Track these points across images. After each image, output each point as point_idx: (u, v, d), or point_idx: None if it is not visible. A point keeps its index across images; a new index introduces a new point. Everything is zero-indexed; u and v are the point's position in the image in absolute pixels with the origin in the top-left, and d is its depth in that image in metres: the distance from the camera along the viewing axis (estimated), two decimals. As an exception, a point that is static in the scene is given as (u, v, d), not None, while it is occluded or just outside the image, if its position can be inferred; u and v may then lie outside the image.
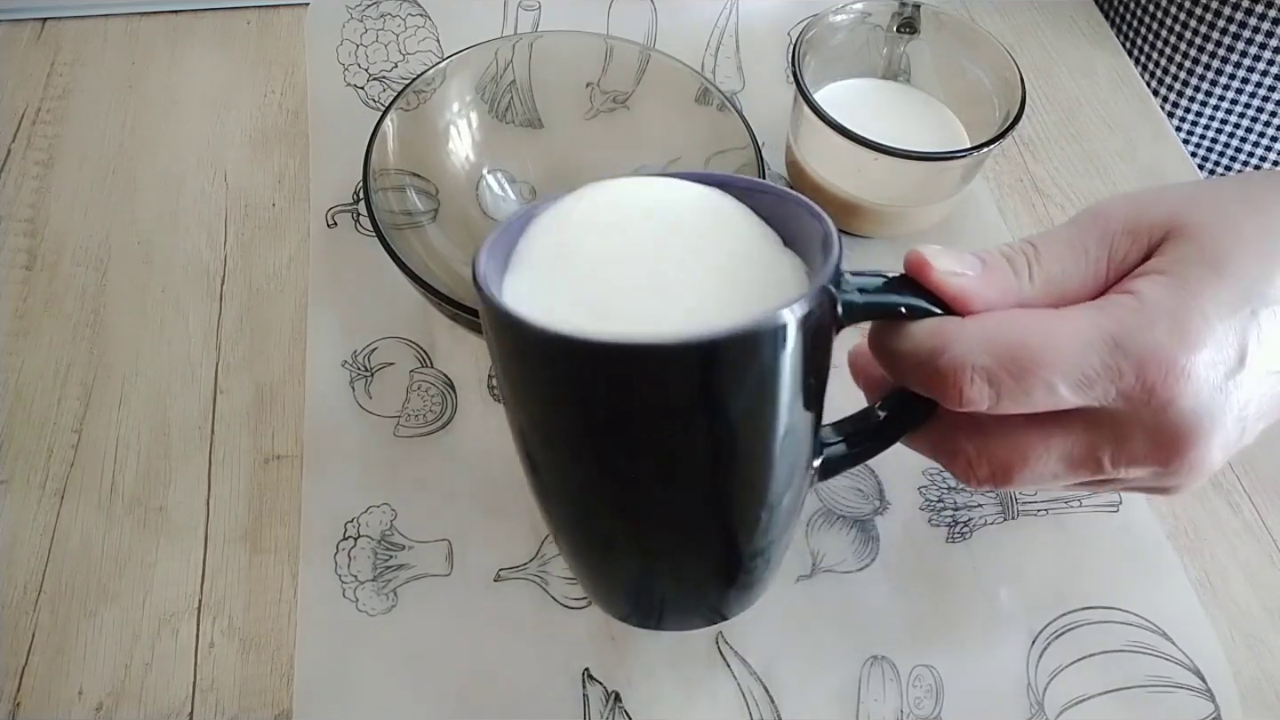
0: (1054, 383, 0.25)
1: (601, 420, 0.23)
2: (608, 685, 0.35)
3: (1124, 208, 0.27)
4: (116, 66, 0.52)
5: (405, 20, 0.53)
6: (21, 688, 0.35)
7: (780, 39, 0.55)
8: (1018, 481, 0.27)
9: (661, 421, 0.23)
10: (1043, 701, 0.36)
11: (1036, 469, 0.27)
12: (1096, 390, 0.25)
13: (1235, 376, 0.25)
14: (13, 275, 0.44)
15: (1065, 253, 0.27)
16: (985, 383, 0.25)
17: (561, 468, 0.26)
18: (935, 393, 0.26)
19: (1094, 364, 0.25)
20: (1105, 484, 0.29)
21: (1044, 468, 0.27)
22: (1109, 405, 0.25)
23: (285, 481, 0.39)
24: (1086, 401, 0.25)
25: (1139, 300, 0.25)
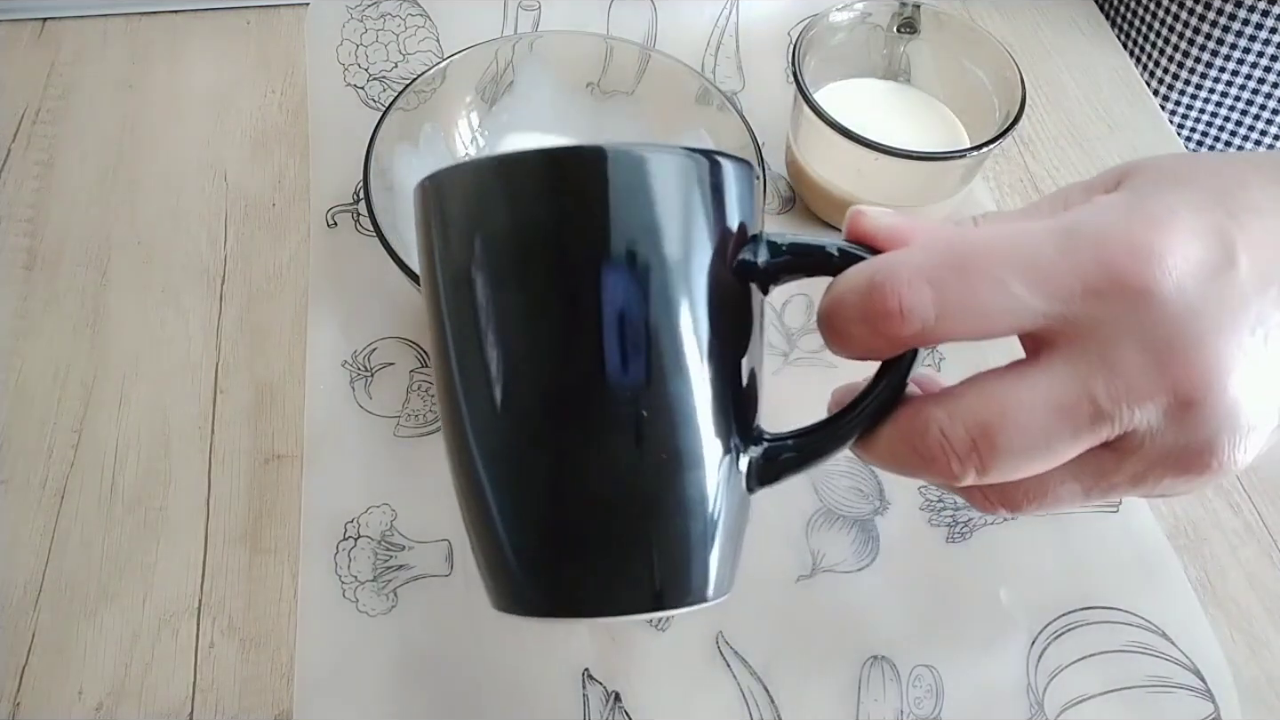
0: (1004, 278, 0.21)
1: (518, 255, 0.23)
2: (608, 685, 0.35)
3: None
4: (116, 66, 0.52)
5: (405, 20, 0.53)
6: (21, 688, 0.34)
7: (780, 39, 0.55)
8: (1005, 452, 0.22)
9: (563, 246, 0.22)
10: (1043, 701, 0.36)
11: (1022, 426, 0.22)
12: (1056, 284, 0.21)
13: (1227, 274, 0.21)
14: (13, 275, 0.44)
15: (1014, 213, 0.25)
16: (926, 284, 0.21)
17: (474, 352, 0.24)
18: (875, 318, 0.22)
19: (1047, 253, 0.21)
20: (1120, 452, 0.23)
21: (1031, 422, 0.22)
22: (1079, 315, 0.21)
23: (285, 481, 0.39)
24: (1047, 304, 0.21)
25: (1093, 203, 0.23)
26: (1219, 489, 0.41)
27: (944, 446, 0.23)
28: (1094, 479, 0.23)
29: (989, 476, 0.22)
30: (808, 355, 0.43)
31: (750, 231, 0.24)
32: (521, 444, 0.24)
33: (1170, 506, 0.40)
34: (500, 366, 0.23)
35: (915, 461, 0.23)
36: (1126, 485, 0.23)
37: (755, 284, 0.25)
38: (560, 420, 0.23)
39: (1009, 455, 0.22)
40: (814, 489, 0.40)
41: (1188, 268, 0.21)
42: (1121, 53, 0.57)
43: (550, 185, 0.23)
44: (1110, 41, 0.58)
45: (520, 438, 0.24)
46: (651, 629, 0.36)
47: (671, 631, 0.37)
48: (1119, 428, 0.22)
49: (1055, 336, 0.22)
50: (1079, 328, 0.22)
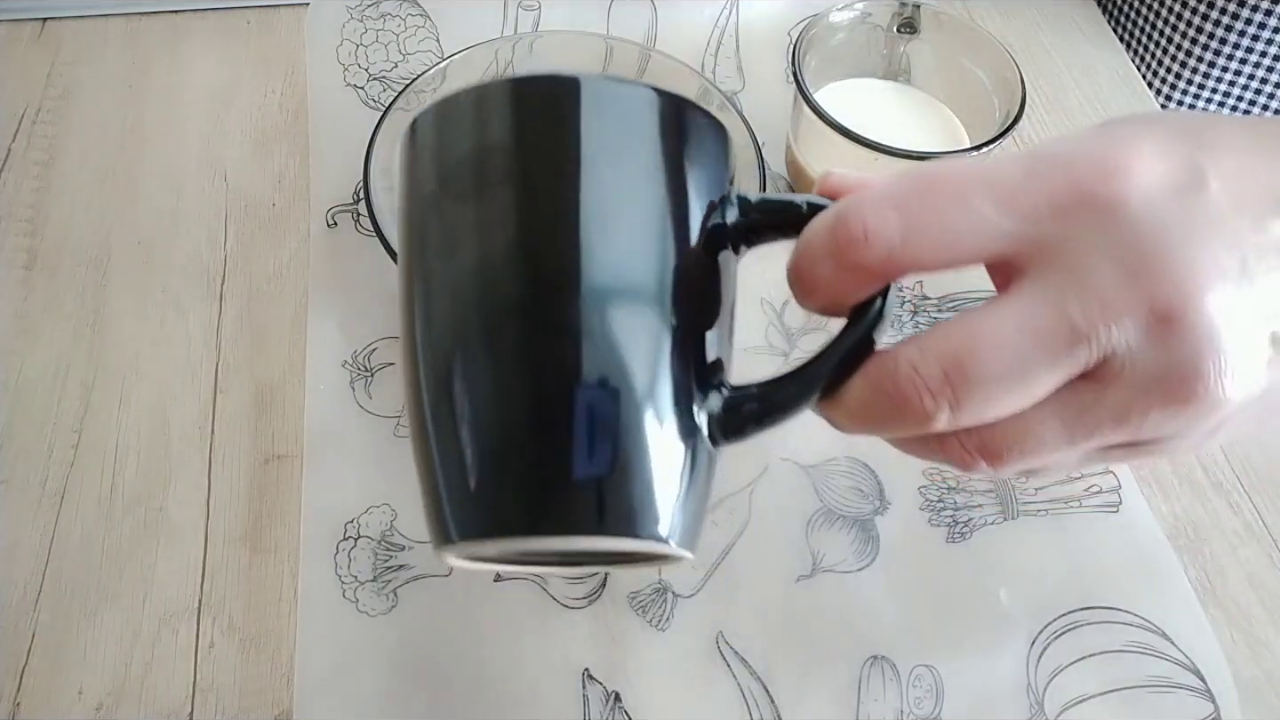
0: (970, 198, 0.21)
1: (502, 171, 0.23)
2: (608, 685, 0.35)
3: None
4: (116, 66, 0.52)
5: (405, 20, 0.53)
6: (21, 688, 0.34)
7: (780, 39, 0.55)
8: (980, 381, 0.21)
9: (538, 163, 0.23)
10: (1042, 701, 0.36)
11: (996, 352, 0.21)
12: (1022, 202, 0.21)
13: (1198, 194, 0.21)
14: (13, 275, 0.44)
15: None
16: (891, 208, 0.21)
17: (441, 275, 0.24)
18: (840, 249, 0.22)
19: (1014, 175, 0.21)
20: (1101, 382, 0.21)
21: (1004, 347, 0.21)
22: (1047, 235, 0.21)
23: (285, 481, 0.39)
24: (1014, 223, 0.21)
25: (1061, 138, 0.22)
26: (1219, 489, 0.41)
27: (914, 382, 0.21)
28: (1076, 416, 0.22)
29: (963, 412, 0.21)
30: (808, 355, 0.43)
31: (720, 191, 0.24)
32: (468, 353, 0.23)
33: (1170, 506, 0.40)
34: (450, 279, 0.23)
35: (885, 407, 0.22)
36: (1111, 423, 0.22)
37: (729, 244, 0.24)
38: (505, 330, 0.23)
39: (983, 384, 0.21)
40: (814, 489, 0.40)
41: (1156, 183, 0.21)
42: (1122, 53, 0.57)
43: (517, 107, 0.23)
44: (1110, 41, 0.58)
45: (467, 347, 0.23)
46: (651, 629, 0.37)
47: (671, 631, 0.37)
48: (1096, 350, 0.21)
49: (1025, 262, 0.21)
50: (1048, 248, 0.21)
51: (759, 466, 0.40)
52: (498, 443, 0.23)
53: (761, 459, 0.40)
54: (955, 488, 0.40)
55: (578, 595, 0.37)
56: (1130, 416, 0.21)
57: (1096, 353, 0.21)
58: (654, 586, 0.37)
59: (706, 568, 0.38)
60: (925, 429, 0.22)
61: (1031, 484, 0.40)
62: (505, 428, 0.23)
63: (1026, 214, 0.21)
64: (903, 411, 0.22)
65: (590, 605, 0.37)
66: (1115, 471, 0.41)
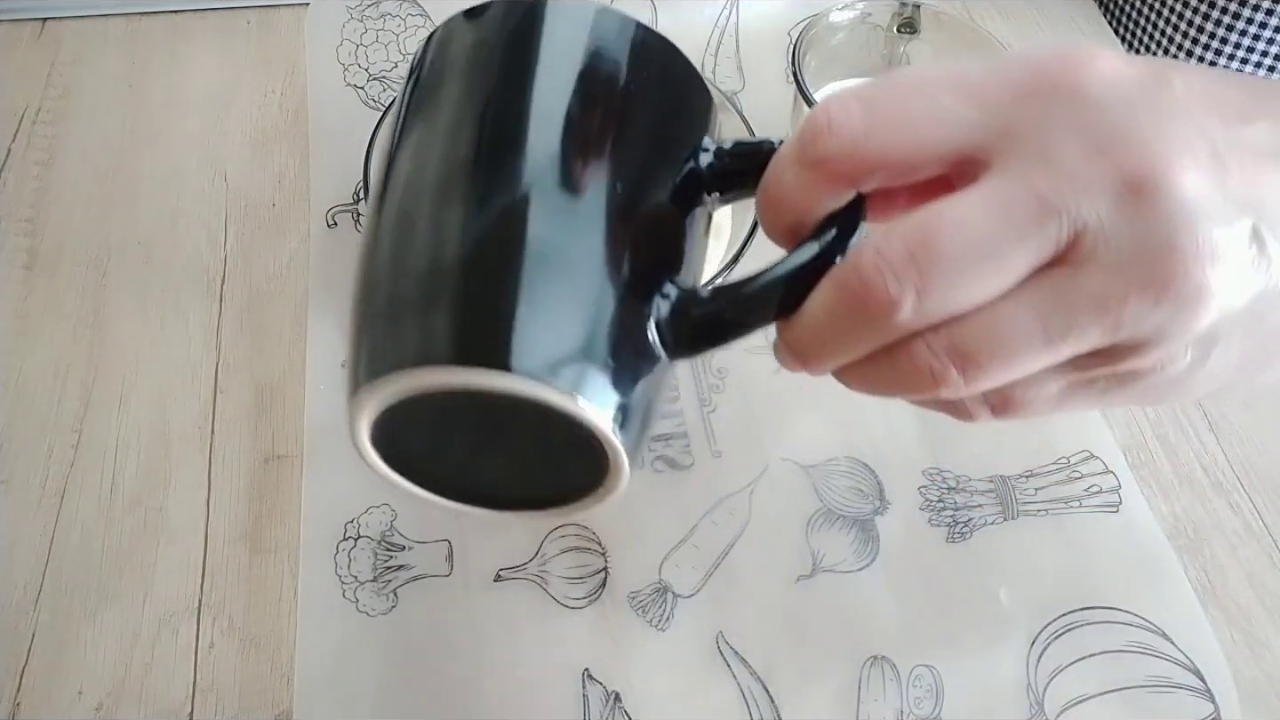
0: (934, 92, 0.21)
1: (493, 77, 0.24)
2: (608, 685, 0.35)
3: None
4: (116, 66, 0.52)
5: (405, 20, 0.53)
6: (21, 688, 0.35)
7: (780, 39, 0.55)
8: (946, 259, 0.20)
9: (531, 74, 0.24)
10: (1042, 702, 0.36)
11: (962, 229, 0.20)
12: (987, 93, 0.21)
13: (1162, 89, 0.21)
14: (13, 275, 0.44)
15: None
16: (855, 100, 0.21)
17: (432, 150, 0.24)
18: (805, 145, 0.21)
19: (977, 69, 0.21)
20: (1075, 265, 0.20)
21: (971, 223, 0.20)
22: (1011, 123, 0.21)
23: (285, 481, 0.39)
24: (978, 111, 0.21)
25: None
26: (1219, 489, 0.41)
27: (878, 266, 0.20)
28: (1051, 304, 0.20)
29: (930, 295, 0.20)
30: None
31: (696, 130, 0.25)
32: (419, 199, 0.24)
33: (1170, 506, 0.40)
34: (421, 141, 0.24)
35: (848, 305, 0.21)
36: (1088, 311, 0.20)
37: (704, 190, 0.25)
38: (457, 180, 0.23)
39: (950, 261, 0.20)
40: (814, 489, 0.40)
41: (1119, 73, 0.20)
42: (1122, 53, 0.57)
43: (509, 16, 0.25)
44: (1111, 41, 0.58)
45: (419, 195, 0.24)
46: (651, 629, 0.37)
47: (671, 631, 0.37)
48: (1067, 225, 0.20)
49: (990, 154, 0.21)
50: (1012, 134, 0.20)
51: (759, 466, 0.40)
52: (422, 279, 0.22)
53: (761, 459, 0.40)
54: (955, 488, 0.40)
55: (578, 595, 0.37)
56: (1109, 303, 0.20)
57: (1067, 228, 0.20)
58: (654, 586, 0.37)
59: (706, 568, 0.38)
60: (889, 323, 0.20)
61: (1031, 485, 0.40)
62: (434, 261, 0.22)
63: (990, 103, 0.21)
64: (865, 304, 0.20)
65: (590, 605, 0.37)
66: (1115, 471, 0.41)
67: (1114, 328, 0.20)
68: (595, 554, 0.38)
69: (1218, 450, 0.42)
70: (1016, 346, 0.21)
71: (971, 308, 0.20)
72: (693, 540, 0.38)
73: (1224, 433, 0.42)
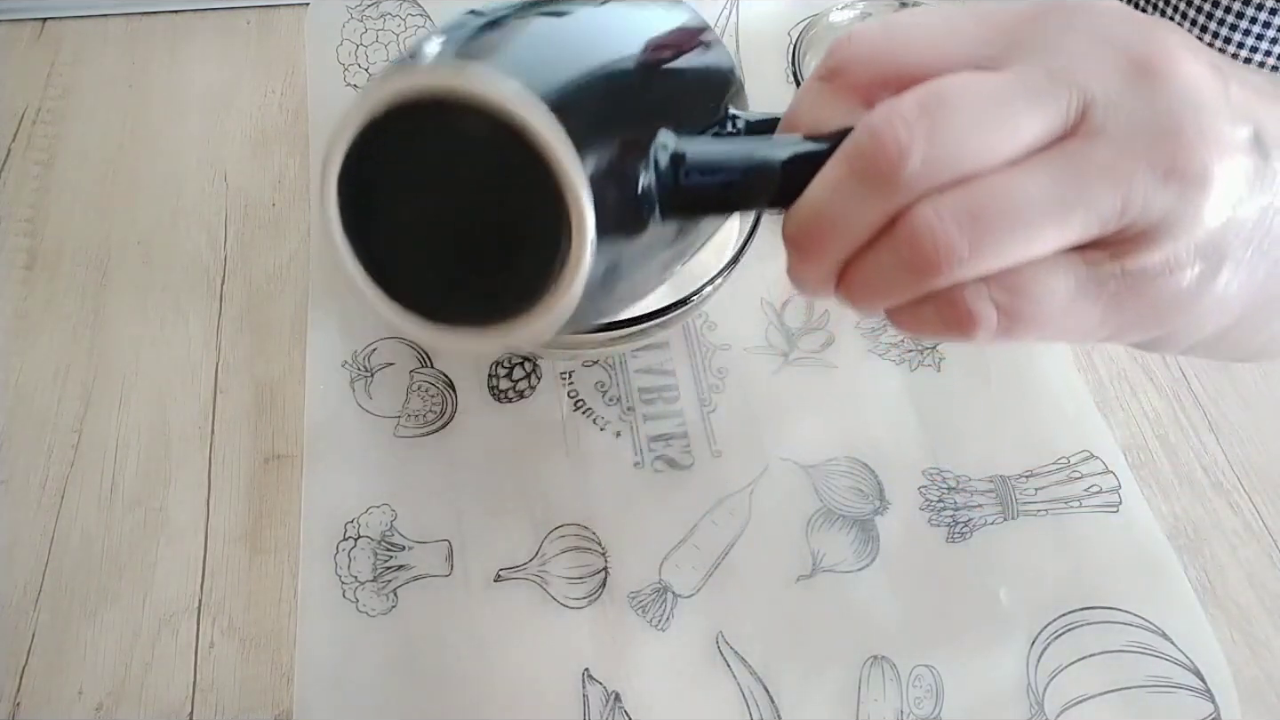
0: (949, 17, 0.22)
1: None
2: (608, 685, 0.35)
3: None
4: (116, 66, 0.52)
5: (405, 20, 0.53)
6: (21, 688, 0.34)
7: (780, 38, 0.55)
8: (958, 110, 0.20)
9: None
10: (1042, 702, 0.36)
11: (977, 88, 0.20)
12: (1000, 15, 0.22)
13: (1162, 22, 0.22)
14: (13, 275, 0.44)
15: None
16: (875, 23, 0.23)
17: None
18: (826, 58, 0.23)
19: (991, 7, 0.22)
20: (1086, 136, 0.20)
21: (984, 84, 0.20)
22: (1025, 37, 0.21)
23: (285, 481, 0.39)
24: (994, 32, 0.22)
25: None
26: (1219, 489, 0.41)
27: (889, 117, 0.20)
28: (1063, 171, 0.20)
29: (940, 143, 0.20)
30: (808, 355, 0.43)
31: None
32: None
33: (1170, 506, 0.40)
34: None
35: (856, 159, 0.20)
36: (1100, 181, 0.20)
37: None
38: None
39: (962, 113, 0.20)
40: (814, 489, 0.40)
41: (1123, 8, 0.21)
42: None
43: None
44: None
45: None
46: (651, 629, 0.37)
47: (671, 631, 0.37)
48: (1077, 96, 0.20)
49: (1002, 61, 0.21)
50: (1024, 44, 0.21)
51: (759, 466, 0.40)
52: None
53: (761, 459, 0.40)
54: (955, 488, 0.40)
55: (578, 595, 0.37)
56: (1118, 173, 0.20)
57: (1077, 99, 0.20)
58: (654, 586, 0.37)
59: (706, 568, 0.38)
60: (899, 175, 0.20)
61: (1031, 485, 0.40)
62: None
63: (1003, 23, 0.22)
64: (875, 158, 0.20)
65: (590, 605, 0.37)
66: (1115, 471, 0.41)
67: (1124, 201, 0.20)
68: (595, 554, 0.38)
69: (1218, 450, 0.42)
70: (1027, 212, 0.20)
71: (983, 169, 0.20)
72: (693, 540, 0.38)
73: (1224, 433, 0.42)
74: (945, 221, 0.20)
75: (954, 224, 0.20)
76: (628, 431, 0.41)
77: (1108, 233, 0.21)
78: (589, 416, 0.41)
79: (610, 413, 0.41)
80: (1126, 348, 0.44)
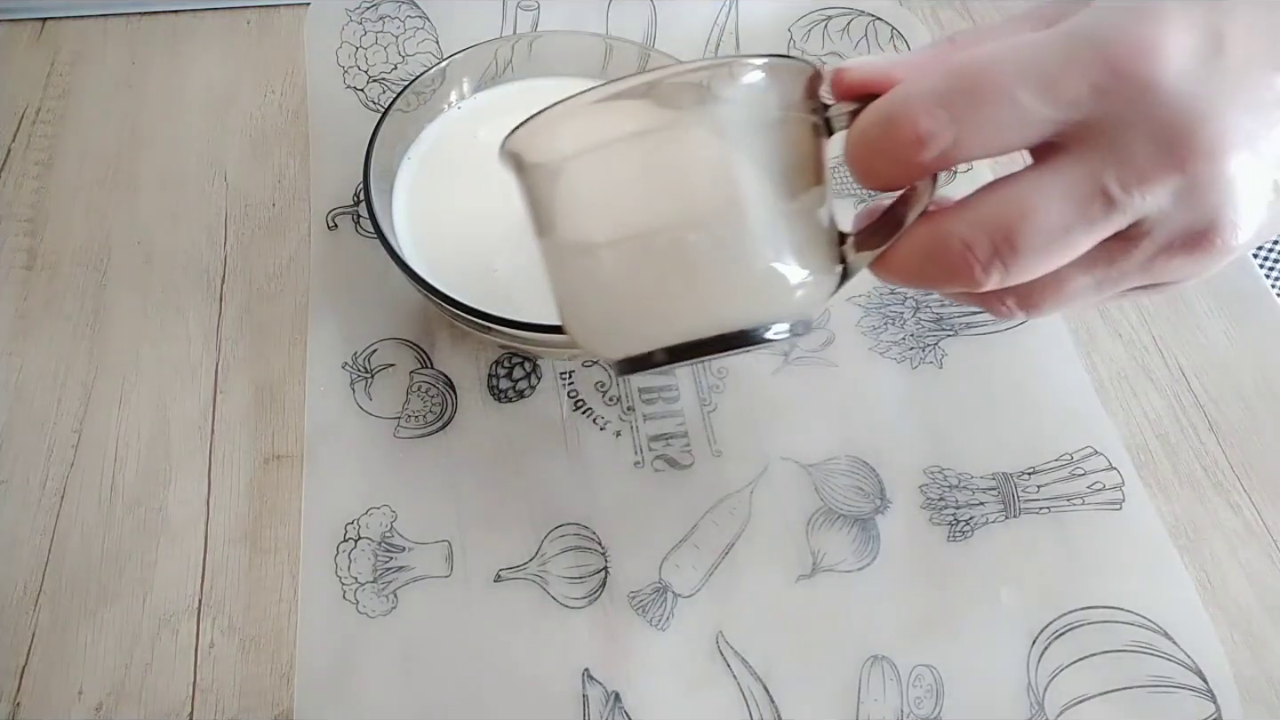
0: (1013, 91, 0.23)
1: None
2: (608, 685, 0.35)
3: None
4: (116, 66, 0.52)
5: (404, 22, 0.53)
6: (21, 688, 0.34)
7: (780, 37, 0.55)
8: (1027, 251, 0.24)
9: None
10: (1043, 702, 0.36)
11: (1041, 224, 0.23)
12: (1064, 90, 0.22)
13: (1220, 60, 0.23)
14: (13, 275, 0.44)
15: (999, 26, 0.26)
16: (940, 108, 0.23)
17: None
18: (897, 149, 0.24)
19: (1053, 58, 0.23)
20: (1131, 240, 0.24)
21: (1049, 219, 0.23)
22: (1087, 116, 0.23)
23: (285, 481, 0.39)
24: (1057, 110, 0.23)
25: (1088, 9, 0.24)
26: (1219, 489, 0.41)
27: (966, 256, 0.24)
28: (1106, 269, 0.25)
29: (1011, 278, 0.24)
30: (808, 354, 0.43)
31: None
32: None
33: (1170, 506, 0.40)
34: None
35: (937, 274, 0.25)
36: (1137, 273, 0.25)
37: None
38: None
39: (1030, 254, 0.24)
40: (814, 488, 0.40)
41: (1185, 56, 0.22)
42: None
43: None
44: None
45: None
46: (651, 629, 0.37)
47: (671, 631, 0.37)
48: (1131, 215, 0.23)
49: (1066, 140, 0.23)
50: (1088, 127, 0.23)
51: (759, 466, 0.40)
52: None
53: (761, 458, 0.40)
54: (957, 485, 0.40)
55: (578, 595, 0.37)
56: (1154, 266, 0.25)
57: (1131, 216, 0.23)
58: (654, 586, 0.37)
59: (706, 567, 0.38)
60: (975, 288, 0.25)
61: (1033, 483, 0.40)
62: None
63: (1068, 100, 0.23)
64: (954, 278, 0.25)
65: (590, 605, 0.37)
66: (1119, 468, 0.41)
67: (1155, 278, 0.25)
68: (595, 554, 0.38)
69: (1218, 450, 0.42)
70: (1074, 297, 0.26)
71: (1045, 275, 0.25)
72: (693, 540, 0.38)
73: (1224, 433, 0.42)
74: (1010, 306, 0.27)
75: (1017, 306, 0.27)
76: (628, 431, 0.41)
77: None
78: (589, 416, 0.41)
79: (610, 413, 0.41)
80: (1126, 348, 0.44)
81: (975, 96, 0.23)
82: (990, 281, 0.24)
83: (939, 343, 0.44)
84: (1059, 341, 0.44)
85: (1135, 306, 0.45)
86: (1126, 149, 0.23)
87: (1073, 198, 0.23)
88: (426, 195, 0.43)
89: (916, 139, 0.23)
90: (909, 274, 0.26)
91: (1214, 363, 0.44)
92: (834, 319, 0.44)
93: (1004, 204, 0.24)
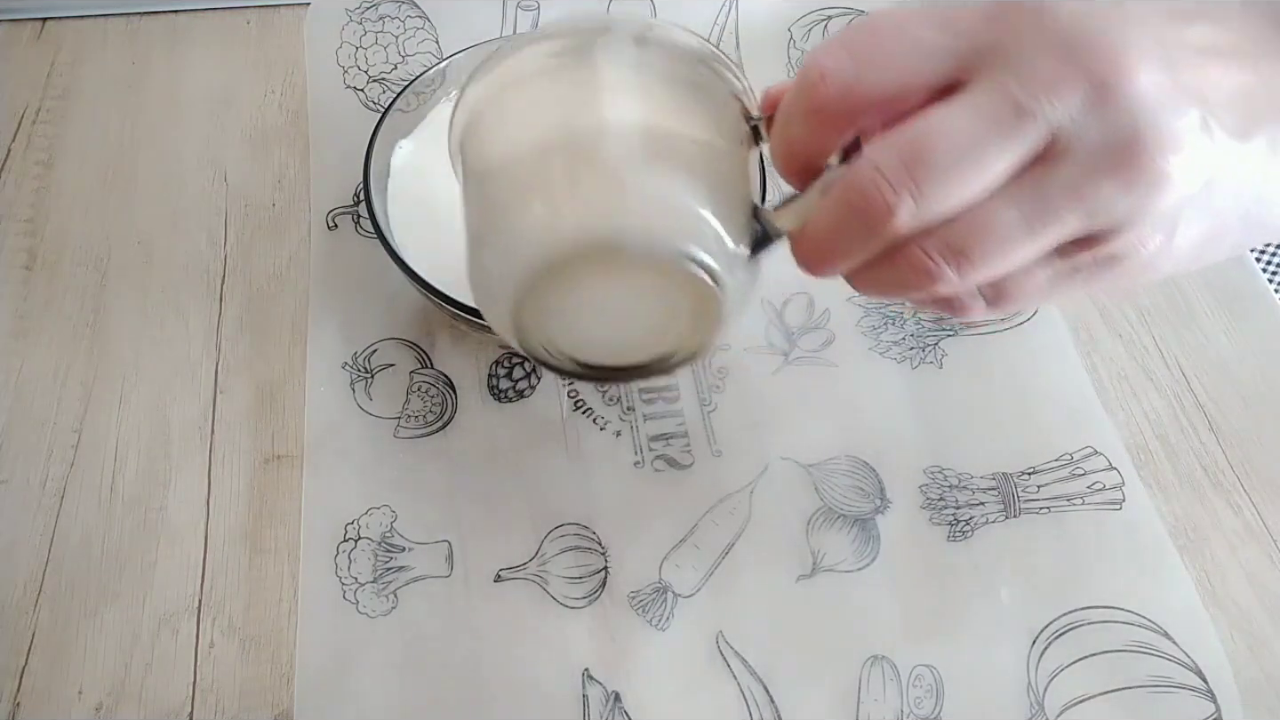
0: (911, 27, 0.23)
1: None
2: (608, 685, 0.35)
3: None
4: (116, 66, 0.52)
5: (404, 22, 0.53)
6: (21, 688, 0.35)
7: (780, 37, 0.55)
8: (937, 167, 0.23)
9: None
10: (1043, 702, 0.36)
11: (949, 137, 0.22)
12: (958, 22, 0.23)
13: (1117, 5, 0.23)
14: (13, 275, 0.44)
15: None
16: (840, 47, 0.24)
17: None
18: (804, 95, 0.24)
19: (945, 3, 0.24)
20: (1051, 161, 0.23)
21: (957, 132, 0.22)
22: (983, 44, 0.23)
23: (285, 481, 0.39)
24: (955, 39, 0.23)
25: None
26: (1219, 489, 0.41)
27: (876, 180, 0.23)
28: (1031, 197, 0.23)
29: (925, 200, 0.23)
30: (808, 354, 0.43)
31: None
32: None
33: (1170, 506, 0.40)
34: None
35: (851, 215, 0.24)
36: (1066, 200, 0.23)
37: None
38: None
39: (941, 169, 0.22)
40: (814, 488, 0.40)
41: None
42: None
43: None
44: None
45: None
46: (651, 629, 0.37)
47: (671, 631, 0.37)
48: (1043, 126, 0.22)
49: (969, 74, 0.23)
50: (987, 52, 0.23)
51: (759, 466, 0.40)
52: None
53: (761, 458, 0.40)
54: (957, 485, 0.40)
55: (578, 595, 0.37)
56: (1083, 190, 0.23)
57: (1044, 129, 0.22)
58: (654, 586, 0.37)
59: (706, 567, 0.38)
60: (890, 226, 0.23)
61: (1034, 482, 0.40)
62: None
63: (963, 28, 0.23)
64: (867, 212, 0.23)
65: (590, 605, 0.37)
66: (1119, 468, 0.41)
67: (1090, 213, 0.23)
68: (595, 554, 0.38)
69: (1218, 450, 0.42)
70: (1004, 239, 0.23)
71: (962, 208, 0.23)
72: (693, 540, 0.38)
73: (1224, 433, 0.42)
74: (936, 260, 0.24)
75: (944, 258, 0.24)
76: (628, 431, 0.41)
77: (1078, 236, 0.24)
78: (589, 416, 0.41)
79: (610, 413, 0.41)
80: (1126, 348, 0.44)
81: (874, 33, 0.24)
82: (903, 206, 0.23)
83: (939, 343, 0.44)
84: (1059, 341, 0.44)
85: (1135, 306, 0.45)
86: (1029, 63, 0.22)
87: (981, 112, 0.22)
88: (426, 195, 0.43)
89: (819, 76, 0.24)
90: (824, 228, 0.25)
91: (1214, 363, 0.44)
92: (834, 319, 0.44)
93: (910, 126, 0.23)
